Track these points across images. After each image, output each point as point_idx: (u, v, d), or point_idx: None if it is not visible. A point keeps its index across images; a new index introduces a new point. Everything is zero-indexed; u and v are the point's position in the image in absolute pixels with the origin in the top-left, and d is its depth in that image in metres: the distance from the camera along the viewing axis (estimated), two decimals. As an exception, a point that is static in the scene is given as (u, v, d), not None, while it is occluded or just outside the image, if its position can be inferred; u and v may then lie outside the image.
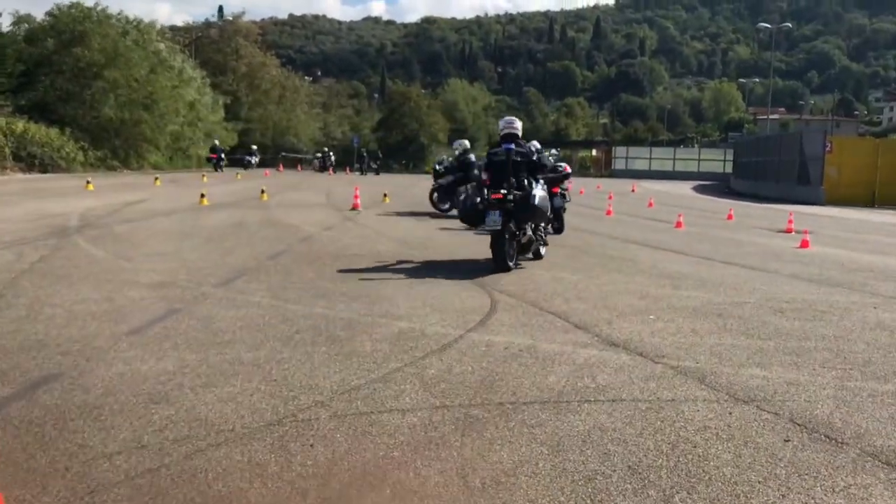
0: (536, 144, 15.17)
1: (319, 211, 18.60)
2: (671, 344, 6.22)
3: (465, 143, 19.68)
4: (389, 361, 5.40)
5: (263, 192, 22.91)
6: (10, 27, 42.50)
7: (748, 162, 47.16)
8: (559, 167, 15.13)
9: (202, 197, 19.46)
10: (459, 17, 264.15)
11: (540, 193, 10.10)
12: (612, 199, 27.56)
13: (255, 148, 62.30)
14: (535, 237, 10.54)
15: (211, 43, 71.68)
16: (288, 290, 8.00)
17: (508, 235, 9.80)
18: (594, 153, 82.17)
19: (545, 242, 11.18)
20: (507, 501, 3.33)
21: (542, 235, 10.91)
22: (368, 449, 3.84)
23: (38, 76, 40.29)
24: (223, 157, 50.28)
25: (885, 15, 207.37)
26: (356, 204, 19.62)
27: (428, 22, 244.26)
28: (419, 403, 4.52)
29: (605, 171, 72.03)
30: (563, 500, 3.37)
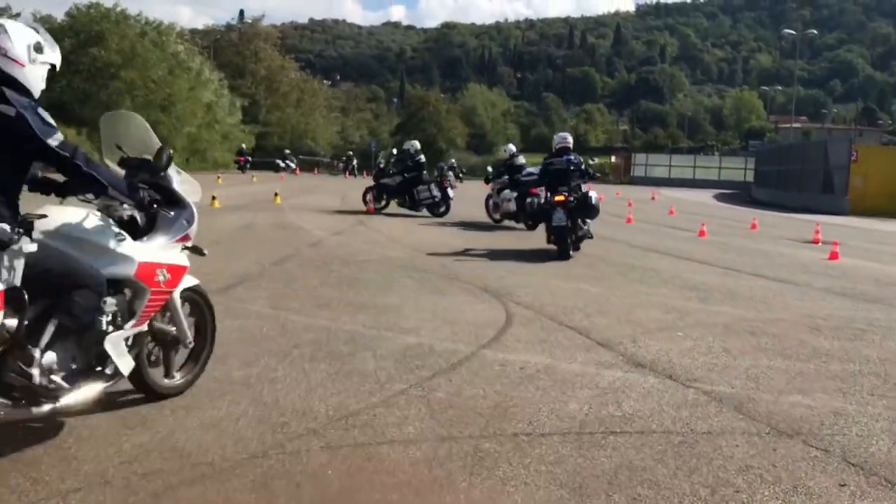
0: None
1: (332, 215, 18.17)
2: (703, 365, 5.70)
3: (416, 143, 20.68)
4: (393, 382, 4.91)
5: (277, 195, 22.50)
6: (27, 27, 42.44)
7: (770, 171, 46.36)
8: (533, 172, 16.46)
9: (214, 199, 19.03)
10: (479, 22, 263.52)
11: (594, 195, 12.12)
12: (631, 206, 26.97)
13: (288, 152, 61.99)
14: (587, 231, 12.35)
15: (230, 46, 71.66)
16: (290, 298, 7.54)
17: (570, 229, 11.62)
18: (613, 160, 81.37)
19: (591, 236, 12.58)
20: (520, 561, 2.83)
21: (589, 229, 12.48)
22: (363, 489, 3.35)
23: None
24: (249, 160, 50.29)
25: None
26: (370, 208, 19.17)
27: (448, 27, 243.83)
28: (424, 434, 4.03)
29: (624, 177, 71.21)
30: (586, 559, 2.87)
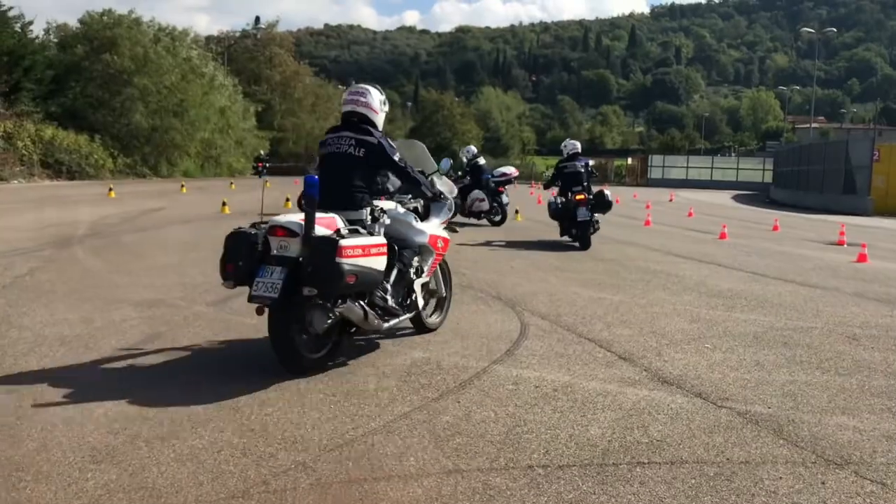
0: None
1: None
2: (734, 381, 5.22)
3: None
4: (395, 404, 4.46)
5: (288, 200, 22.09)
6: (41, 34, 42.43)
7: (789, 171, 45.59)
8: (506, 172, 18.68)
9: (224, 205, 18.72)
10: (494, 25, 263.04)
11: (608, 192, 14.19)
12: (649, 208, 26.45)
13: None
14: (598, 224, 14.07)
15: (245, 52, 71.60)
16: (292, 309, 7.10)
17: (590, 222, 13.37)
18: (629, 161, 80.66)
19: (599, 227, 14.09)
20: None
21: (598, 222, 14.12)
22: (353, 538, 2.91)
23: (68, 83, 40.08)
24: (266, 165, 50.10)
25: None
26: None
27: (462, 31, 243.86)
28: (426, 466, 3.58)
29: (640, 179, 70.56)
30: None
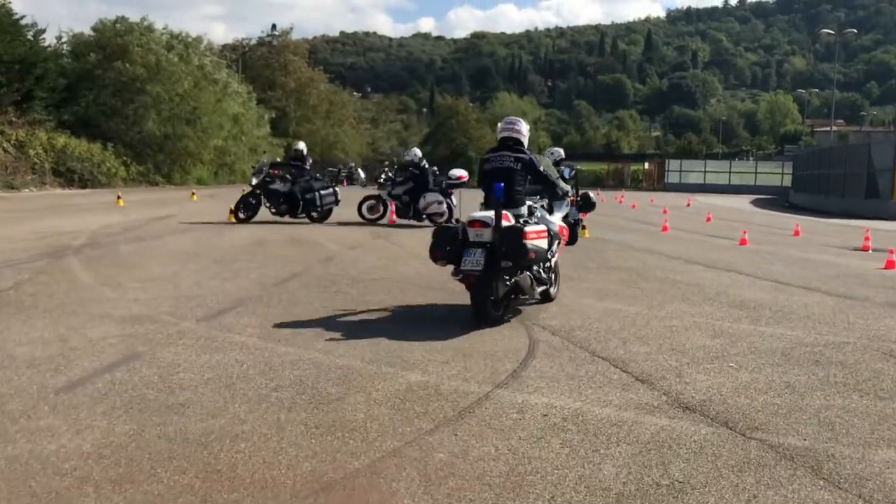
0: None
1: (352, 227, 17.29)
2: (764, 407, 4.71)
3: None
4: (385, 437, 3.99)
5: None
6: (53, 42, 42.35)
7: (809, 175, 44.78)
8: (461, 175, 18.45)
9: (231, 213, 18.31)
10: (509, 31, 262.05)
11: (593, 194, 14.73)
12: (666, 213, 25.87)
13: (353, 165, 61.09)
14: None
15: (260, 59, 71.52)
16: (285, 325, 6.65)
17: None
18: (646, 166, 79.96)
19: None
20: None
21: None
22: None
23: (80, 91, 39.94)
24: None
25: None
26: (392, 220, 18.29)
27: (477, 37, 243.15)
28: (412, 517, 3.10)
29: (657, 184, 69.85)
30: None
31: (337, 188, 18.90)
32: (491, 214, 6.91)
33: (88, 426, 4.05)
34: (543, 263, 7.50)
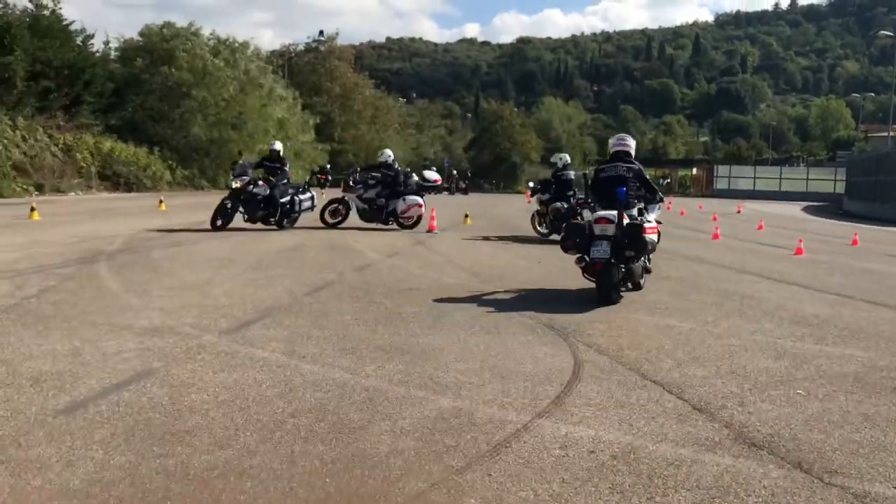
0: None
1: (393, 234, 16.89)
2: (841, 445, 4.14)
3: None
4: (409, 476, 3.52)
5: (467, 216, 21.44)
6: (101, 47, 42.81)
7: (864, 181, 43.28)
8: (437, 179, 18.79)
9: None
10: (555, 36, 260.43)
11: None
12: (716, 220, 25.08)
13: (357, 168, 61.14)
14: None
15: (306, 64, 71.86)
16: (311, 339, 6.23)
17: None
18: (694, 172, 78.58)
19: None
20: None
21: None
22: None
23: (128, 95, 40.29)
24: (329, 178, 49.83)
25: None
26: (432, 226, 17.85)
27: (523, 42, 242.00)
28: (434, 584, 2.63)
29: (705, 190, 68.55)
30: None
31: (314, 192, 17.82)
32: (614, 213, 8.40)
33: (82, 457, 3.65)
34: (650, 254, 9.10)
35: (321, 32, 78.90)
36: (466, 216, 21.92)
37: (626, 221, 8.43)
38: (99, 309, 7.22)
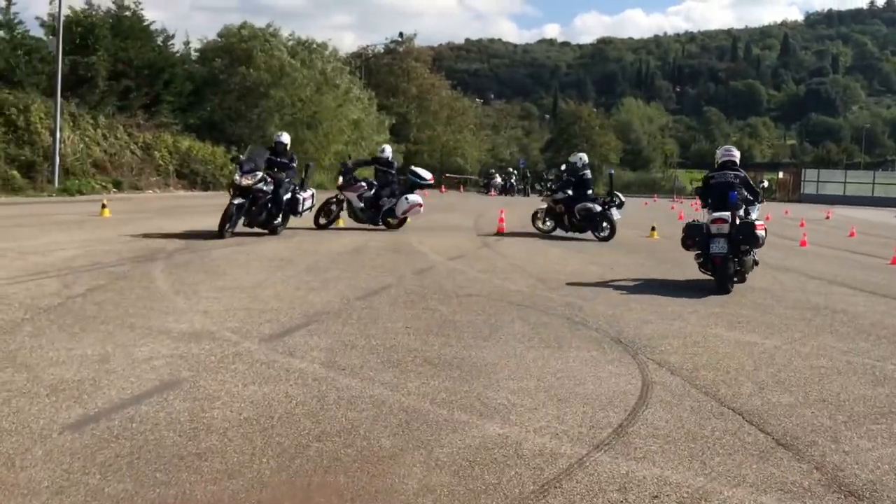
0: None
1: (459, 235, 16.40)
2: (960, 497, 3.47)
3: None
4: (437, 522, 3.02)
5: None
6: (181, 47, 43.54)
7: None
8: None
9: (339, 218, 17.77)
10: (637, 36, 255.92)
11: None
12: (803, 226, 23.84)
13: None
14: None
15: (384, 66, 72.12)
16: (355, 349, 5.78)
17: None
18: (780, 176, 75.84)
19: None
20: None
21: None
22: None
23: (206, 95, 40.83)
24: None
25: None
26: (500, 228, 17.28)
27: (604, 42, 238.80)
28: None
29: (792, 195, 66.06)
30: None
31: (314, 191, 16.04)
32: (728, 214, 9.61)
33: (75, 483, 3.26)
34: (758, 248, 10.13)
35: (400, 34, 78.98)
36: (538, 218, 21.29)
37: (738, 221, 9.71)
38: (141, 311, 6.93)
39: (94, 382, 4.69)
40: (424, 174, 17.63)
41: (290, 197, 14.71)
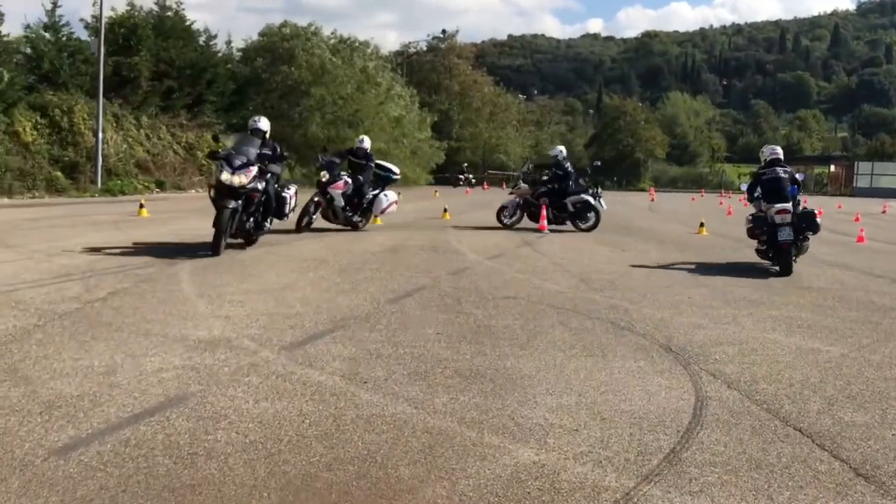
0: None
1: (498, 233, 15.90)
2: None
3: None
4: (457, 576, 2.56)
5: (446, 210, 20.66)
6: (223, 47, 43.59)
7: None
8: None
9: (376, 217, 17.39)
10: (682, 30, 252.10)
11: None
12: (859, 221, 22.85)
13: (465, 165, 61.48)
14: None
15: (426, 63, 71.82)
16: (381, 359, 5.34)
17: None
18: (832, 169, 73.87)
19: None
20: None
21: None
22: None
23: (248, 95, 40.84)
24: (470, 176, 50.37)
25: None
26: (542, 226, 16.73)
27: (648, 36, 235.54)
28: None
29: (844, 189, 64.27)
30: None
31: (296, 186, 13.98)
32: (789, 205, 10.76)
33: (47, 522, 2.87)
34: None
35: (443, 31, 78.64)
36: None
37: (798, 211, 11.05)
38: (160, 316, 6.58)
39: (93, 398, 4.32)
40: (394, 168, 16.50)
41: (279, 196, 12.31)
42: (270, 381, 4.78)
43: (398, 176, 16.45)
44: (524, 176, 18.29)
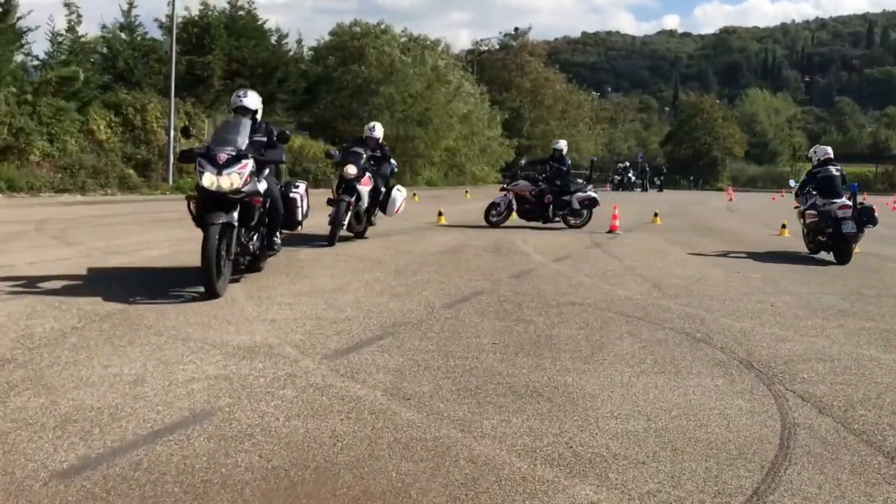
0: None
1: (567, 234, 15.30)
2: None
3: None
4: None
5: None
6: (294, 46, 43.87)
7: None
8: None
9: (440, 215, 17.02)
10: (762, 25, 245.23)
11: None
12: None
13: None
14: None
15: (497, 61, 71.23)
16: (428, 371, 4.90)
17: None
18: (921, 168, 70.56)
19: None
20: None
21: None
22: None
23: (319, 93, 40.99)
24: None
25: None
26: (614, 226, 16.06)
27: (727, 32, 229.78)
28: None
29: (935, 188, 61.24)
30: None
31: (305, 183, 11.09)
32: (849, 201, 11.80)
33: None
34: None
35: (515, 29, 77.87)
36: (656, 215, 19.96)
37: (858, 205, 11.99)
38: (203, 319, 6.27)
39: (114, 412, 3.99)
40: (392, 160, 14.00)
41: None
42: (306, 394, 4.38)
43: (395, 168, 14.29)
44: (522, 172, 17.55)
